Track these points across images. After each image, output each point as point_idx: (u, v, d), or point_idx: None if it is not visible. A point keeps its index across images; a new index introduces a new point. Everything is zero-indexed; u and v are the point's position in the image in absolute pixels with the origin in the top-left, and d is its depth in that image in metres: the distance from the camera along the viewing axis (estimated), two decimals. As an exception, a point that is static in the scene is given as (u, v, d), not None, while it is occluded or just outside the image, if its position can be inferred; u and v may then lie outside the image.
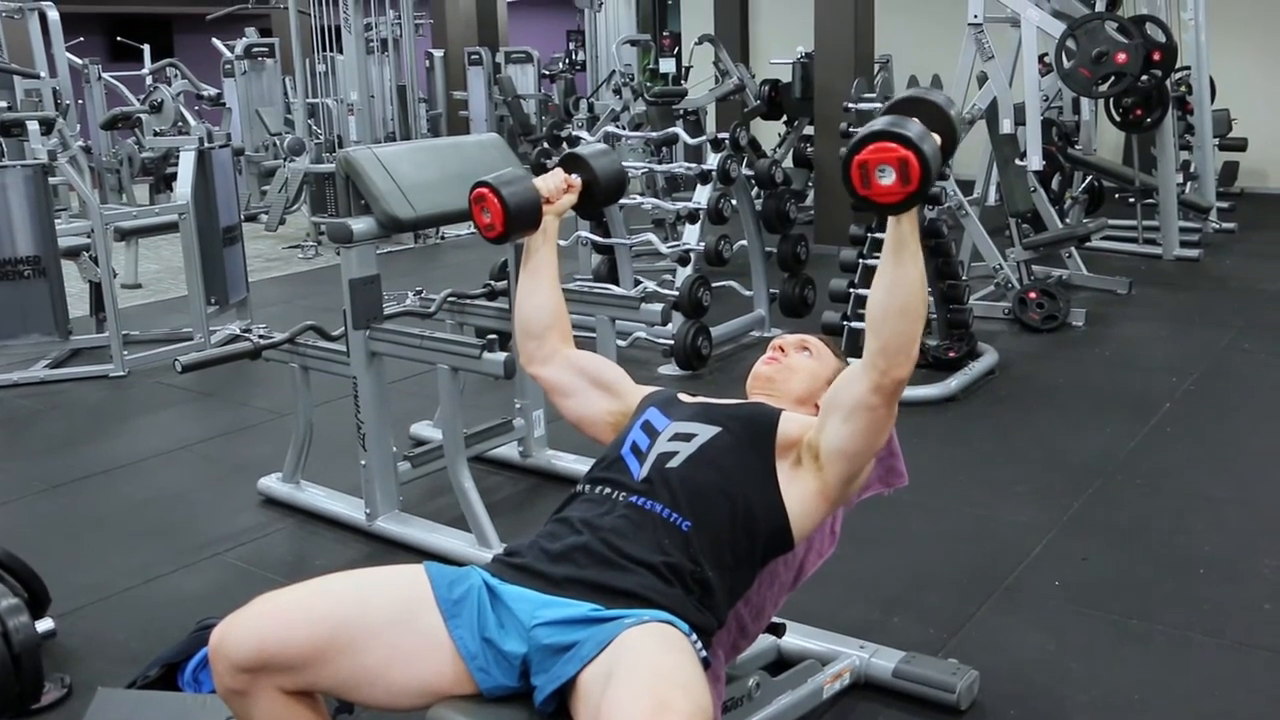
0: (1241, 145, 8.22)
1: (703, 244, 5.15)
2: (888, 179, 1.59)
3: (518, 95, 10.66)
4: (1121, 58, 5.51)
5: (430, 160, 3.38)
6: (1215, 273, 6.66)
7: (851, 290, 4.44)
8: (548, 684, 1.59)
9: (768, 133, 9.43)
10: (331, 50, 9.48)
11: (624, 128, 7.45)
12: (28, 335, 5.04)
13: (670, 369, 4.93)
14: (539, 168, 6.56)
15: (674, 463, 1.82)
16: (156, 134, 8.06)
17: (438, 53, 12.17)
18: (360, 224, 3.13)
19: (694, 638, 1.64)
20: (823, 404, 1.86)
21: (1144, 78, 5.86)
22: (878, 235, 4.43)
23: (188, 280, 5.46)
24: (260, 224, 9.26)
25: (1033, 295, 5.41)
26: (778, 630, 2.19)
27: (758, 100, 8.64)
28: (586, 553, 1.72)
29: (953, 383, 4.39)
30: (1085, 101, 6.71)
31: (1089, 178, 7.14)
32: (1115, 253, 7.08)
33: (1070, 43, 5.59)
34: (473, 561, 1.96)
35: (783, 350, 2.10)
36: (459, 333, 3.65)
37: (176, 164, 5.94)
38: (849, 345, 4.31)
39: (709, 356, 4.94)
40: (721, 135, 5.32)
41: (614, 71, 8.63)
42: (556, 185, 2.15)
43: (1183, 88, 7.34)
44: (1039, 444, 3.97)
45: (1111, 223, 6.80)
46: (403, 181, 3.19)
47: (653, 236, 5.54)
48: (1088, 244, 6.51)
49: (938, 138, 1.66)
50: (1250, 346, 5.09)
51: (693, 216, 5.20)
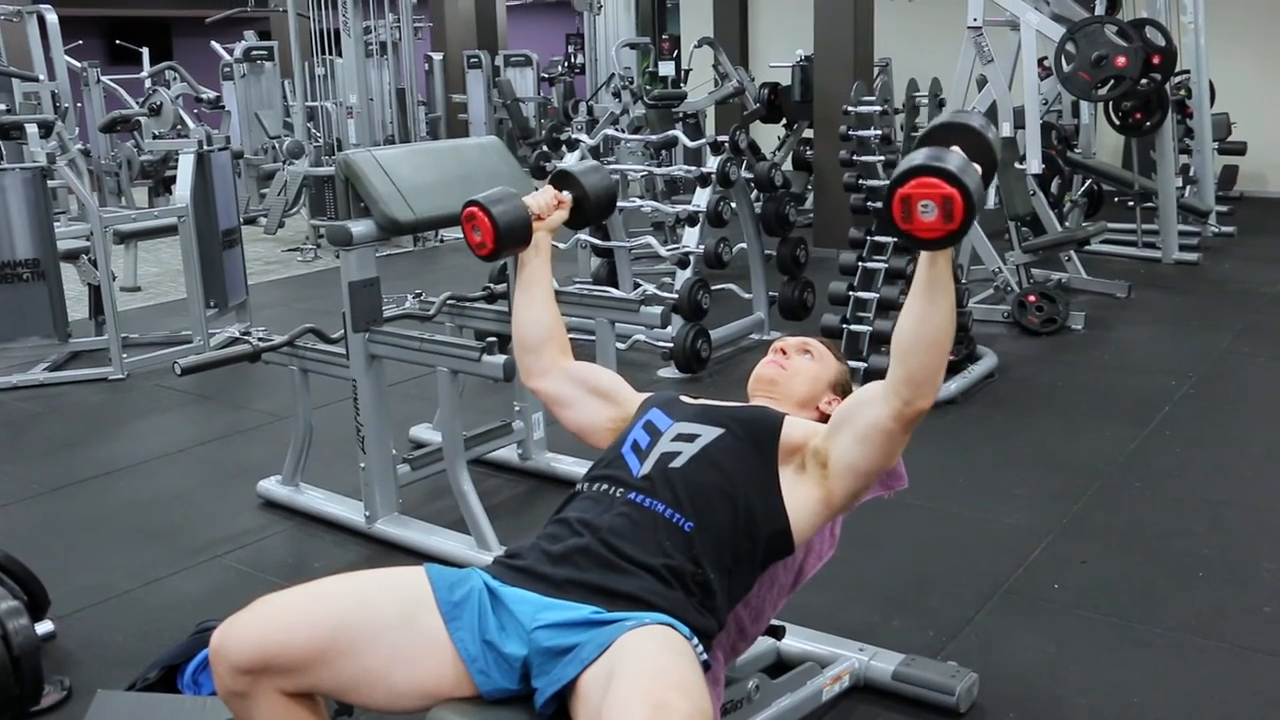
0: (1241, 149, 8.22)
1: (702, 247, 5.15)
2: (930, 215, 1.56)
3: (517, 98, 10.69)
4: (1121, 61, 5.52)
5: (429, 163, 3.38)
6: (1214, 276, 6.67)
7: (851, 293, 4.43)
8: (548, 686, 1.59)
9: (767, 136, 9.43)
10: (330, 53, 9.48)
11: (623, 131, 7.45)
12: (27, 338, 5.04)
13: (670, 372, 4.93)
14: (538, 171, 6.58)
15: (677, 463, 1.82)
16: (155, 137, 8.04)
17: (437, 56, 12.20)
18: (359, 227, 3.13)
19: (695, 641, 1.64)
20: (836, 416, 1.85)
21: (1143, 81, 5.87)
22: (877, 239, 4.43)
23: (187, 283, 5.47)
24: (259, 227, 9.27)
25: (1032, 298, 5.42)
26: (777, 633, 2.19)
27: (757, 103, 8.64)
28: (587, 554, 1.72)
29: (952, 386, 4.39)
30: (1085, 105, 6.73)
31: (1088, 181, 7.16)
32: (1114, 256, 7.09)
33: (1070, 46, 5.60)
34: (472, 564, 1.96)
35: (784, 352, 2.10)
36: (458, 335, 3.66)
37: (175, 167, 5.93)
38: (848, 348, 4.31)
39: (708, 359, 4.95)
40: (721, 138, 5.33)
41: (613, 74, 8.62)
42: (547, 202, 2.15)
43: (1182, 91, 7.34)
44: (1038, 447, 3.97)
45: (1111, 226, 6.81)
46: (402, 184, 3.19)
47: (652, 239, 5.55)
48: (1087, 247, 6.53)
49: (979, 168, 1.62)
50: (1249, 350, 5.09)
51: (692, 219, 5.20)
